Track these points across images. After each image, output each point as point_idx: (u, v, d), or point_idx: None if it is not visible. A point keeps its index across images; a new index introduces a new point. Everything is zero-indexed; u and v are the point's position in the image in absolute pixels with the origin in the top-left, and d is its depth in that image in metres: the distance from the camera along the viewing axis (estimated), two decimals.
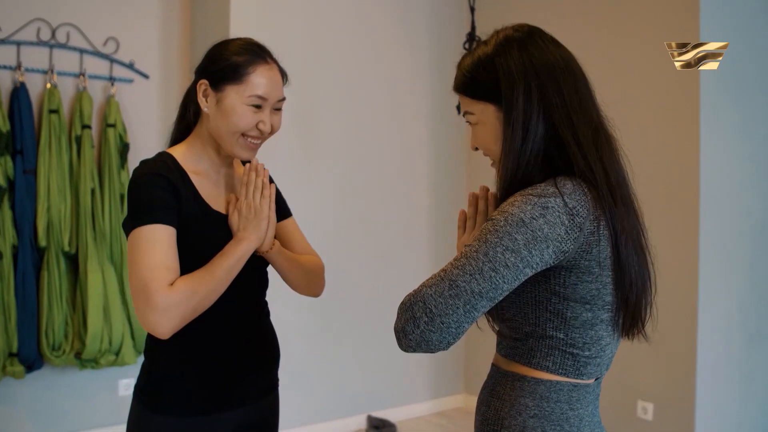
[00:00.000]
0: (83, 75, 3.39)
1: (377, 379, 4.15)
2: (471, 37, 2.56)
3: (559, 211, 1.08)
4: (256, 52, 1.47)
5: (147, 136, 3.62)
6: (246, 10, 3.51)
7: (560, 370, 1.16)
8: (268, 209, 1.47)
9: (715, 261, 3.30)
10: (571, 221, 1.09)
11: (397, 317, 1.10)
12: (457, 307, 1.05)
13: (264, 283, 1.60)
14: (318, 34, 3.81)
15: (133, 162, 3.52)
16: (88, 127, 3.33)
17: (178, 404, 1.43)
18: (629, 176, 1.23)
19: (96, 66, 3.48)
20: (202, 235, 1.43)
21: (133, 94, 3.60)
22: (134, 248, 1.32)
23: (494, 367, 1.27)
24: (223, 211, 1.50)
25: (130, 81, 3.58)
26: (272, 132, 1.50)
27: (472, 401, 4.42)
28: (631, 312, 1.20)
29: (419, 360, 4.32)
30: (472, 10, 2.64)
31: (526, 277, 1.09)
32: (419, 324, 1.05)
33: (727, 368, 3.42)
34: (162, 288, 1.28)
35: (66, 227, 3.25)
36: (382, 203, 4.14)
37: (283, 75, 1.53)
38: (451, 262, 1.09)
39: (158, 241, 1.32)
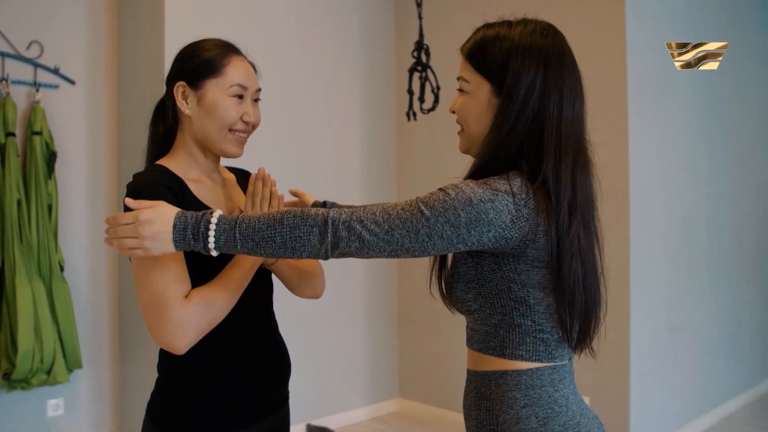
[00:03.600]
0: (6, 80, 3.22)
1: (314, 387, 4.12)
2: (420, 45, 2.62)
3: (507, 201, 1.13)
4: (228, 47, 1.47)
5: (75, 144, 3.47)
6: (180, 14, 3.43)
7: (534, 357, 1.20)
8: None
9: (644, 258, 3.48)
10: (518, 212, 1.13)
11: (330, 230, 1.16)
12: (383, 250, 1.15)
13: (271, 293, 1.56)
14: (254, 39, 3.75)
15: (61, 171, 3.38)
16: (13, 134, 3.16)
17: (202, 423, 1.36)
18: (599, 201, 1.30)
19: (19, 71, 3.31)
20: None
21: (59, 100, 3.44)
22: (142, 261, 1.26)
23: (471, 372, 1.29)
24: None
25: (56, 87, 3.42)
26: (255, 126, 1.48)
27: (407, 405, 4.47)
28: (576, 333, 1.23)
29: (355, 366, 4.32)
30: (420, 17, 2.70)
31: (457, 251, 1.19)
32: (351, 245, 1.16)
33: (655, 359, 3.60)
34: (177, 301, 1.24)
35: None
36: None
37: (254, 68, 1.54)
38: (399, 210, 1.15)
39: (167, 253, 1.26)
